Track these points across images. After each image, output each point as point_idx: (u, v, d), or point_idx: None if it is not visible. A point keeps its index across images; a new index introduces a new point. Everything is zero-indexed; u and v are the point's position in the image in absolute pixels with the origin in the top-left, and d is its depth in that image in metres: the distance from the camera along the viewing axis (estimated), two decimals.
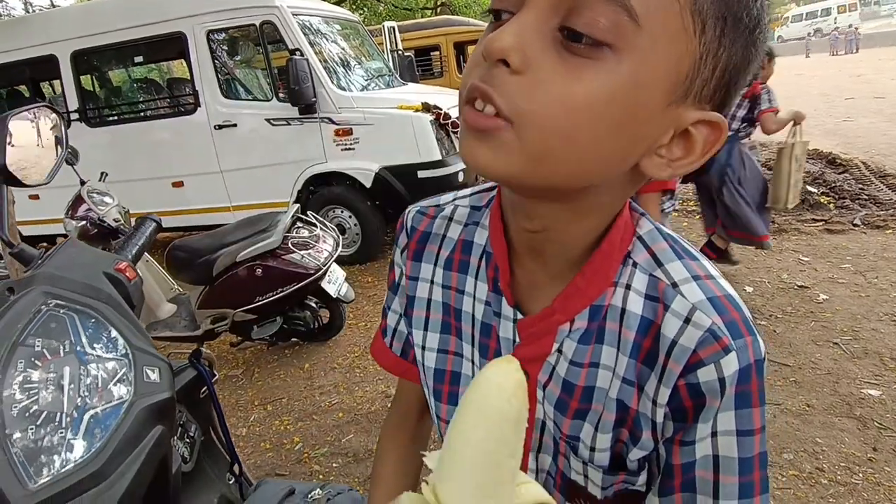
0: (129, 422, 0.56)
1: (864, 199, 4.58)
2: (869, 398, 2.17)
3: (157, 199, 4.87)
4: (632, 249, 0.47)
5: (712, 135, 0.38)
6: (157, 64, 6.75)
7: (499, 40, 0.34)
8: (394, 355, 0.65)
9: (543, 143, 0.35)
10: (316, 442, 2.38)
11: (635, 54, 0.34)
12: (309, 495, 0.84)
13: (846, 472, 1.83)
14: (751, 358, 0.41)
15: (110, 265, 0.72)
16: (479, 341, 0.53)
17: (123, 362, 0.60)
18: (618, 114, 0.35)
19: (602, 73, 0.34)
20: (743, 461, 0.43)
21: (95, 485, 0.51)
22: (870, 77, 14.27)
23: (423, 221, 0.59)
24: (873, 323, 2.72)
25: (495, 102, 0.35)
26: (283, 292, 2.83)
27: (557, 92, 0.34)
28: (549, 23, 0.34)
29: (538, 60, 0.34)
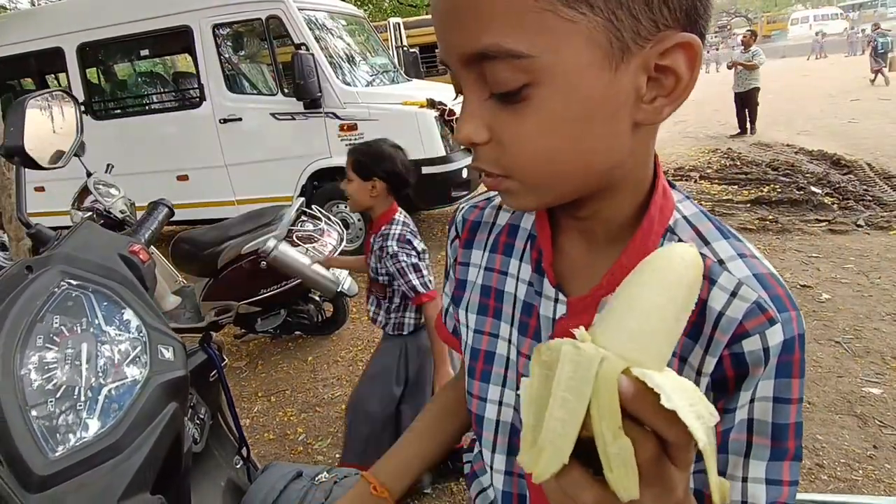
0: (144, 397, 0.57)
1: (868, 200, 4.57)
2: (870, 396, 2.18)
3: (163, 192, 4.79)
4: (675, 226, 0.48)
5: (687, 53, 0.38)
6: (163, 58, 6.76)
7: (461, 132, 0.41)
8: (446, 331, 0.70)
9: (538, 177, 0.42)
10: (319, 433, 2.39)
11: (551, 72, 0.37)
12: (316, 478, 0.85)
13: (846, 469, 1.84)
14: (795, 331, 0.43)
15: (125, 247, 0.73)
16: (520, 320, 0.54)
17: (139, 340, 0.62)
18: (579, 115, 0.38)
19: (542, 104, 0.38)
20: (777, 427, 0.44)
21: (113, 456, 0.52)
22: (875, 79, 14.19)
23: (473, 212, 0.62)
24: (875, 322, 2.72)
25: (489, 171, 0.43)
26: (287, 285, 2.84)
27: (520, 137, 0.39)
28: (484, 96, 0.40)
29: (496, 125, 0.40)
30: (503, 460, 0.57)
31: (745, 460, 0.45)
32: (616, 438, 0.27)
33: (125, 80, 5.86)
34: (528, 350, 0.54)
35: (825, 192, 4.88)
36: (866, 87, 12.04)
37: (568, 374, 0.28)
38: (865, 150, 6.27)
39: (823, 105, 10.57)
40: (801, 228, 4.14)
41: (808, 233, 4.05)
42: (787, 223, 4.26)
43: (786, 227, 4.18)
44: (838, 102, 10.65)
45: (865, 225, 4.05)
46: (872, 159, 5.79)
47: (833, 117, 9.03)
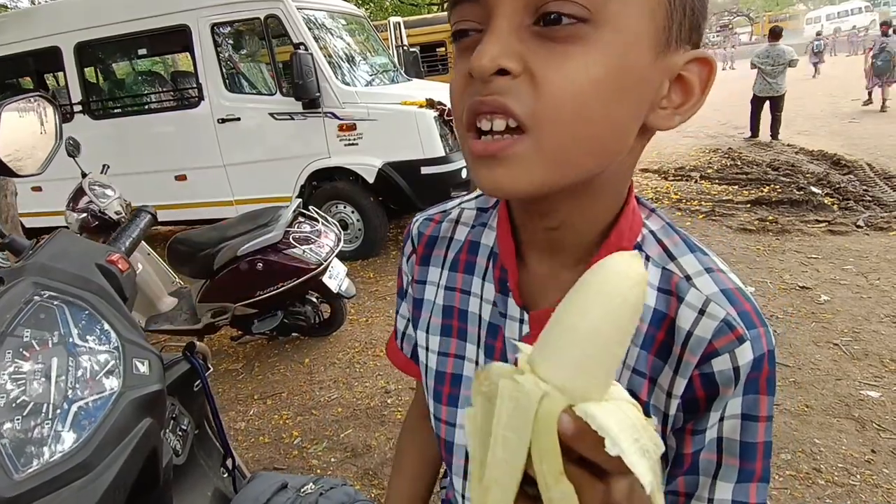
0: (116, 414, 0.56)
1: (868, 200, 4.55)
2: (868, 399, 2.16)
3: (160, 192, 4.87)
4: (642, 242, 0.47)
5: (704, 70, 0.39)
6: (161, 57, 6.75)
7: (487, 53, 0.34)
8: (404, 356, 0.67)
9: (561, 135, 0.36)
10: (315, 436, 2.38)
11: (613, 22, 0.35)
12: (302, 489, 0.84)
13: (844, 474, 1.82)
14: (764, 348, 0.42)
15: (102, 256, 0.72)
16: (486, 342, 0.53)
17: (113, 354, 0.60)
18: (618, 81, 0.36)
19: (591, 48, 0.35)
20: (745, 445, 0.43)
21: (81, 476, 0.51)
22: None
23: (429, 226, 0.59)
24: (874, 324, 2.70)
25: (513, 111, 0.35)
26: (284, 287, 2.83)
27: (561, 81, 0.34)
28: (523, 23, 0.35)
29: (531, 58, 0.35)
30: (462, 484, 0.57)
31: (713, 481, 0.44)
32: (557, 483, 0.26)
33: (123, 79, 5.85)
34: None
35: (825, 193, 4.86)
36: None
37: (507, 412, 0.27)
38: (865, 150, 6.25)
39: (823, 104, 10.54)
40: (800, 229, 4.13)
41: (807, 233, 4.04)
42: (786, 224, 4.24)
43: (785, 228, 4.16)
44: (838, 102, 10.62)
45: (865, 226, 4.03)
46: (872, 159, 5.77)
47: (833, 117, 9.00)
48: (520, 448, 0.26)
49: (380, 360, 2.97)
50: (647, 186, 5.83)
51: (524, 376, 0.27)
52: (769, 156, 6.55)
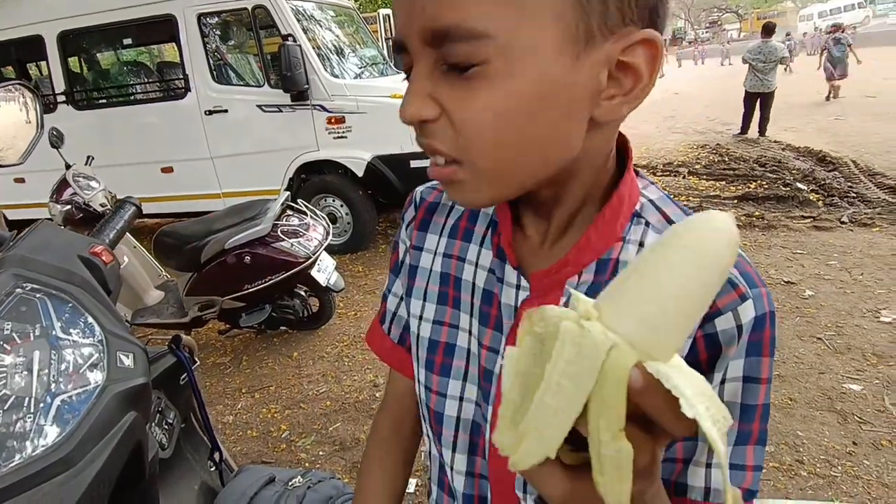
0: (100, 407, 0.55)
1: (853, 197, 4.62)
2: (850, 392, 2.20)
3: (146, 184, 4.81)
4: (641, 210, 0.47)
5: (650, 51, 0.37)
6: (147, 47, 6.64)
7: (408, 107, 0.39)
8: (390, 342, 0.65)
9: (489, 162, 0.39)
10: (303, 430, 2.38)
11: (511, 50, 0.35)
12: (290, 482, 0.84)
13: (826, 465, 1.86)
14: (766, 307, 0.42)
15: (85, 248, 0.71)
16: (480, 309, 0.52)
17: (97, 347, 0.59)
18: (533, 101, 0.37)
19: (495, 82, 0.36)
20: (745, 408, 0.43)
21: (64, 470, 0.50)
22: (863, 76, 14.34)
23: (432, 193, 0.60)
24: (857, 319, 2.75)
25: (441, 151, 0.39)
26: (272, 280, 2.81)
27: (473, 115, 0.37)
28: (435, 72, 0.38)
29: (445, 101, 0.38)
30: (464, 460, 0.55)
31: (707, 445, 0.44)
32: (615, 440, 0.24)
33: (107, 69, 5.75)
34: (490, 342, 0.52)
35: (811, 189, 4.92)
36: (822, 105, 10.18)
37: (568, 358, 0.25)
38: (850, 148, 6.33)
39: (809, 101, 10.66)
40: (786, 225, 4.18)
41: (793, 229, 4.09)
42: (772, 219, 4.29)
43: (771, 224, 4.21)
44: (823, 99, 10.74)
45: (849, 222, 4.09)
46: (857, 156, 5.85)
47: (819, 114, 9.10)
48: (576, 398, 0.25)
49: (368, 353, 2.96)
50: None
51: (592, 322, 0.25)
52: (756, 152, 6.62)
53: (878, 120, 7.99)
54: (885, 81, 12.45)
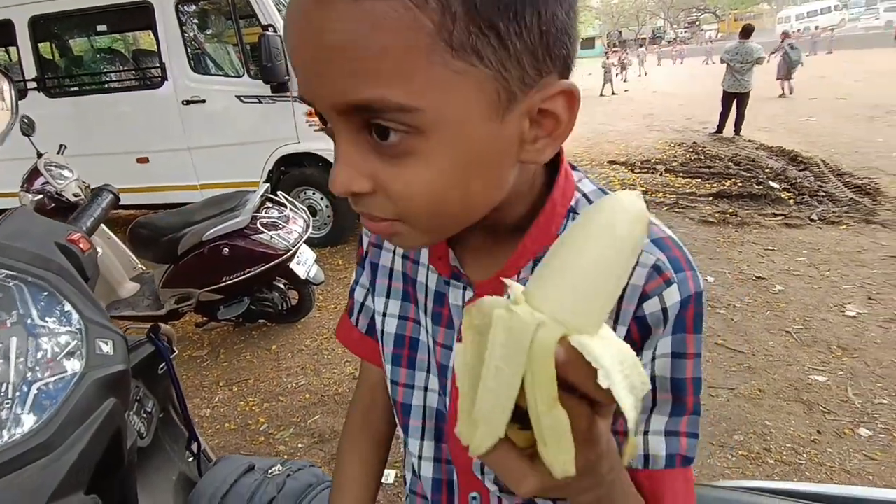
0: (79, 394, 0.55)
1: (822, 195, 4.76)
2: (815, 384, 2.28)
3: (121, 174, 4.70)
4: (576, 205, 0.49)
5: (568, 99, 0.39)
6: (122, 34, 6.48)
7: (339, 181, 0.38)
8: (359, 333, 0.67)
9: (429, 221, 0.40)
10: (282, 423, 2.37)
11: (438, 122, 0.35)
12: (269, 471, 0.84)
13: (791, 453, 1.93)
14: (691, 290, 0.44)
15: (63, 235, 0.70)
16: (433, 310, 0.55)
17: (75, 334, 0.59)
18: (464, 165, 0.37)
19: (425, 155, 0.36)
20: (675, 381, 0.46)
21: (43, 455, 0.50)
22: (834, 78, 14.73)
23: None
24: (823, 313, 2.84)
25: (379, 216, 0.40)
26: (251, 273, 2.79)
27: (409, 187, 0.37)
28: (360, 143, 0.37)
29: (377, 174, 0.38)
30: (431, 447, 0.58)
31: (649, 416, 0.47)
32: (550, 409, 0.26)
33: (80, 56, 5.60)
34: (443, 339, 0.55)
35: (782, 188, 5.05)
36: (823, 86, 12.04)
37: (501, 342, 0.26)
38: (821, 148, 6.51)
39: (782, 102, 10.91)
40: (758, 222, 4.29)
41: (765, 226, 4.20)
42: (746, 216, 4.40)
43: (745, 221, 4.31)
44: (796, 100, 11.01)
45: (818, 219, 4.21)
46: (827, 156, 6.02)
47: (792, 115, 9.33)
48: (513, 378, 0.26)
49: None
50: (614, 178, 5.94)
51: (520, 306, 0.27)
52: (731, 150, 6.76)
53: (847, 121, 8.22)
54: (854, 84, 12.81)
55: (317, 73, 0.35)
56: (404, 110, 0.34)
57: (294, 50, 0.36)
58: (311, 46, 0.34)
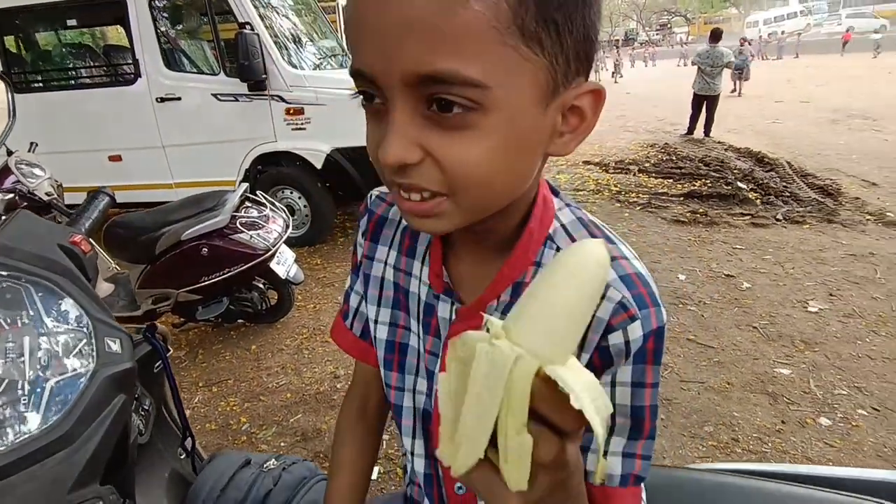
0: (92, 390, 0.57)
1: (787, 196, 4.95)
2: (780, 376, 2.40)
3: (93, 172, 4.61)
4: (554, 234, 0.53)
5: (595, 98, 0.44)
6: (91, 29, 6.32)
7: (391, 152, 0.39)
8: (353, 336, 0.70)
9: (475, 197, 0.42)
10: (263, 422, 2.38)
11: (499, 104, 0.39)
12: (264, 465, 0.87)
13: (757, 442, 2.03)
14: (653, 325, 0.48)
15: (65, 237, 0.71)
16: (423, 319, 0.59)
17: (84, 333, 0.61)
18: (512, 146, 0.41)
19: (482, 132, 0.39)
20: (635, 408, 0.50)
21: (63, 448, 0.52)
22: (798, 82, 15.25)
23: (380, 206, 0.64)
24: (787, 309, 2.98)
25: (427, 188, 0.41)
26: (231, 272, 2.78)
27: (465, 159, 0.40)
28: (418, 111, 0.39)
29: (430, 144, 0.40)
30: (422, 444, 0.63)
31: (608, 437, 0.51)
32: (518, 434, 0.29)
33: (49, 51, 5.44)
34: (431, 347, 0.59)
35: (750, 188, 5.23)
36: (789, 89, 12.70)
37: (483, 372, 0.29)
38: (786, 150, 6.75)
39: (751, 105, 11.26)
40: (727, 221, 4.44)
41: (733, 226, 4.35)
42: (715, 216, 4.55)
43: (714, 220, 4.46)
44: (763, 103, 11.37)
45: (783, 219, 4.38)
46: (792, 158, 6.25)
47: (759, 117, 9.64)
48: (492, 404, 0.29)
49: (328, 346, 2.97)
50: (588, 178, 6.06)
51: (501, 341, 0.30)
52: (702, 152, 6.96)
53: (810, 124, 8.54)
54: (817, 88, 13.30)
55: (394, 43, 0.36)
56: (474, 86, 0.37)
57: (364, 21, 0.37)
58: (392, 16, 0.36)
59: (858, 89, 12.32)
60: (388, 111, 0.40)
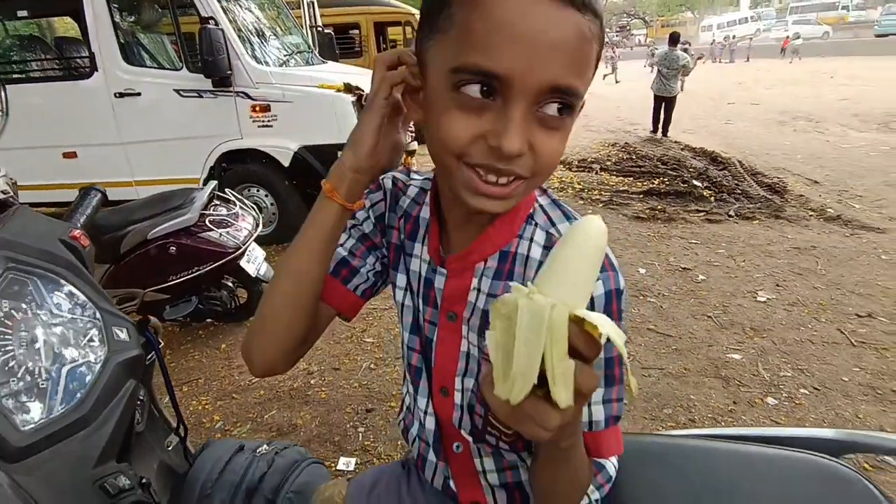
0: (107, 375, 0.60)
1: (738, 193, 5.21)
2: (732, 361, 2.56)
3: (45, 170, 4.46)
4: (534, 213, 0.63)
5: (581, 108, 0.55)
6: (45, 20, 6.06)
7: (516, 145, 0.48)
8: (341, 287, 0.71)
9: (542, 181, 0.54)
10: (237, 419, 2.38)
11: (577, 111, 0.51)
12: (257, 451, 0.91)
13: (711, 422, 2.17)
14: (612, 286, 0.57)
15: (65, 232, 0.73)
16: (423, 293, 0.67)
17: (93, 322, 0.64)
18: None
19: (565, 131, 0.52)
20: (607, 360, 0.59)
21: (83, 428, 0.55)
22: (748, 85, 15.95)
23: (395, 189, 0.73)
24: (739, 299, 3.17)
25: (520, 174, 0.51)
26: (199, 271, 2.75)
27: (554, 150, 0.51)
28: (531, 112, 0.49)
29: (533, 139, 0.50)
30: (424, 402, 0.70)
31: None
32: (562, 361, 0.37)
33: None
34: (430, 317, 0.67)
35: (705, 186, 5.48)
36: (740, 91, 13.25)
37: (527, 320, 0.37)
38: (738, 149, 7.09)
39: (706, 106, 11.73)
40: (684, 218, 4.65)
41: (689, 222, 4.56)
42: (672, 213, 4.75)
43: (672, 217, 4.66)
44: (717, 105, 11.86)
45: (735, 215, 4.63)
46: (743, 157, 6.57)
47: (713, 118, 10.06)
48: (538, 343, 0.37)
49: None
50: (553, 177, 6.21)
51: (536, 295, 0.38)
52: (660, 151, 7.23)
53: (760, 125, 8.98)
54: (766, 91, 13.95)
55: (543, 58, 0.46)
56: (579, 97, 0.49)
57: (517, 33, 0.45)
58: (546, 39, 0.45)
59: (803, 92, 13.00)
60: (506, 109, 0.48)
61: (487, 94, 0.48)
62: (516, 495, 0.69)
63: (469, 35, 0.46)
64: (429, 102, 0.53)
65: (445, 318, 0.65)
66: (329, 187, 0.60)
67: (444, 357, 0.66)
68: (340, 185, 0.60)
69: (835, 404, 2.22)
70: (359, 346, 2.92)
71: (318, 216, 0.62)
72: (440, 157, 0.53)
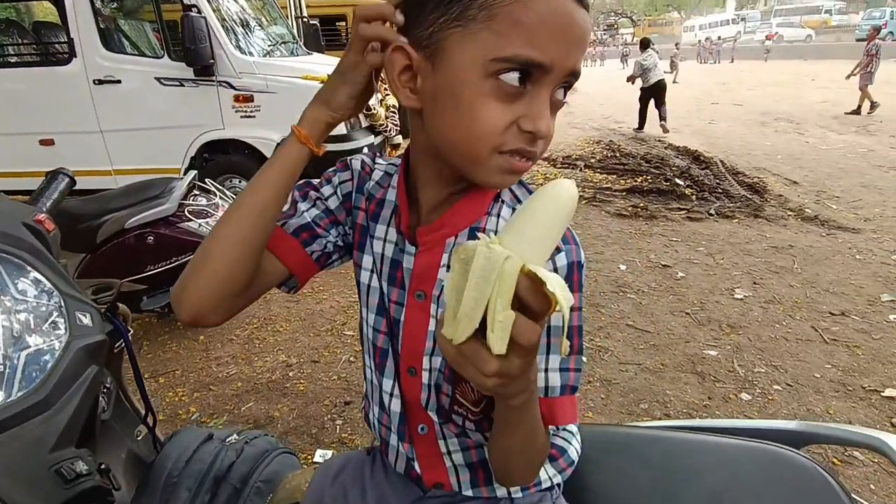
0: (67, 359, 0.59)
1: (719, 192, 5.29)
2: (708, 357, 2.60)
3: (21, 157, 4.36)
4: (501, 192, 0.65)
5: None
6: (23, 4, 5.91)
7: (550, 129, 0.54)
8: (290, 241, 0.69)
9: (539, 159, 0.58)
10: (214, 411, 2.36)
11: None
12: (227, 440, 0.90)
13: (687, 417, 2.20)
14: (574, 258, 0.59)
15: (29, 216, 0.72)
16: (388, 273, 0.67)
17: (55, 306, 0.63)
18: None
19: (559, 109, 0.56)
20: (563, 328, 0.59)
21: (42, 412, 0.55)
22: (732, 86, 16.16)
23: (363, 171, 0.73)
24: (716, 296, 3.22)
25: (537, 155, 0.55)
26: (178, 262, 2.72)
27: (552, 131, 0.54)
28: (550, 95, 0.53)
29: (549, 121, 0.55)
30: (399, 386, 0.69)
31: (546, 356, 0.60)
32: (504, 309, 0.38)
33: None
34: (397, 298, 0.67)
35: (687, 185, 5.55)
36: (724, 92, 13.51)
37: (481, 265, 0.38)
38: (720, 149, 7.18)
39: (689, 106, 11.86)
40: (665, 215, 4.70)
41: (671, 219, 4.61)
42: (654, 210, 4.81)
43: (653, 214, 4.71)
44: (701, 104, 12.00)
45: (715, 214, 4.69)
46: (725, 157, 6.65)
47: (697, 118, 10.18)
48: (486, 289, 0.38)
49: (280, 335, 2.97)
50: (538, 173, 6.24)
51: (495, 245, 0.39)
52: (643, 149, 7.30)
53: (742, 126, 9.11)
54: (749, 92, 14.15)
55: (574, 47, 0.51)
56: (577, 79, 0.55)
57: (560, 27, 0.50)
58: (577, 30, 0.51)
59: (784, 94, 13.21)
60: (538, 94, 0.52)
61: (522, 82, 0.51)
62: (480, 473, 0.70)
63: (517, 27, 0.49)
64: (441, 90, 0.53)
65: (414, 298, 0.64)
66: (305, 134, 0.62)
67: (411, 337, 0.66)
68: (312, 132, 0.62)
69: (806, 400, 2.27)
70: (339, 339, 2.91)
71: (285, 156, 0.63)
72: (465, 146, 0.53)
